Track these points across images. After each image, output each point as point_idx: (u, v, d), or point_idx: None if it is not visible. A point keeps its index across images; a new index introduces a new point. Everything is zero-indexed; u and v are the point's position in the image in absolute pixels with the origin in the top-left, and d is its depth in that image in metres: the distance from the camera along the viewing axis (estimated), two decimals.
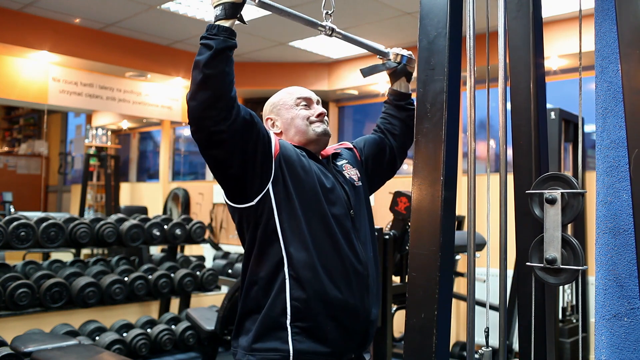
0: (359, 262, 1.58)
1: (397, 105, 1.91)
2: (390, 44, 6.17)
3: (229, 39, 1.43)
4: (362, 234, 1.66)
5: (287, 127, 1.70)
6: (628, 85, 1.11)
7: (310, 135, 1.68)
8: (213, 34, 1.42)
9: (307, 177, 1.56)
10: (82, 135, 8.74)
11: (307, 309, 1.49)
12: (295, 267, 1.49)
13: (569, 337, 3.83)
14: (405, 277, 3.26)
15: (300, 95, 1.74)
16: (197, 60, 1.40)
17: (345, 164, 1.77)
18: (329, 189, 1.59)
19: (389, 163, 1.88)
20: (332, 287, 1.52)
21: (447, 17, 1.32)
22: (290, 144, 1.63)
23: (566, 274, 1.22)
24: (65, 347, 3.05)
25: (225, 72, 1.40)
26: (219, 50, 1.39)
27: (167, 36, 5.66)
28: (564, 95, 5.34)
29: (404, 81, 1.92)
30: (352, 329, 1.56)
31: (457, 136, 1.37)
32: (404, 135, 1.89)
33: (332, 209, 1.57)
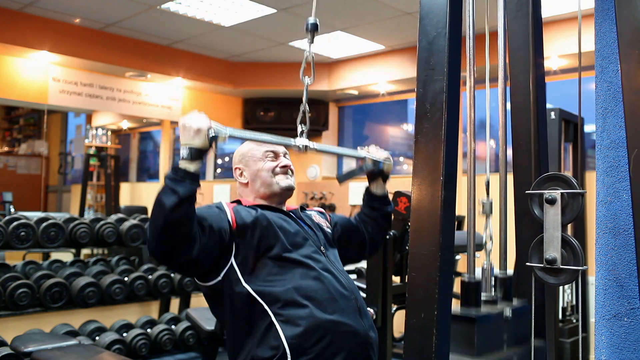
0: (344, 288, 1.62)
1: (371, 206, 1.97)
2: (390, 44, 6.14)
3: (193, 184, 1.45)
4: (339, 266, 1.71)
5: (253, 178, 1.77)
6: (628, 85, 1.11)
7: (274, 188, 1.75)
8: (179, 177, 1.43)
9: (267, 233, 1.61)
10: (82, 135, 8.74)
11: (305, 341, 1.50)
12: (282, 313, 1.52)
13: (569, 337, 3.83)
14: (405, 277, 3.26)
15: (268, 148, 1.80)
16: (162, 202, 1.41)
17: (314, 214, 1.87)
18: (293, 234, 1.66)
19: (358, 247, 1.95)
20: (324, 313, 1.53)
21: (446, 17, 1.32)
22: (244, 208, 1.68)
23: (566, 274, 1.22)
24: (65, 347, 3.04)
25: (188, 215, 1.43)
26: (184, 197, 1.41)
27: (167, 36, 5.66)
28: (564, 95, 5.34)
29: (380, 182, 1.95)
30: (353, 351, 1.56)
31: (457, 136, 1.37)
32: (375, 233, 1.96)
33: (301, 251, 1.63)
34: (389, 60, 5.92)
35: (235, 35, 5.47)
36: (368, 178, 1.96)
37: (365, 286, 3.08)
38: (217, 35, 5.51)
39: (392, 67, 5.90)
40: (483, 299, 1.61)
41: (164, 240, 1.42)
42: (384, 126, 7.31)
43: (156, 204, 1.42)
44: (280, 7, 4.69)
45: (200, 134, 1.45)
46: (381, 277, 2.97)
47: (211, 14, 4.95)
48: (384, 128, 7.32)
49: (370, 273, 3.01)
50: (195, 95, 6.72)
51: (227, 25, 5.17)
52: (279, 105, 6.86)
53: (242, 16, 4.94)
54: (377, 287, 2.96)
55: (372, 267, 2.98)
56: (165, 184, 1.43)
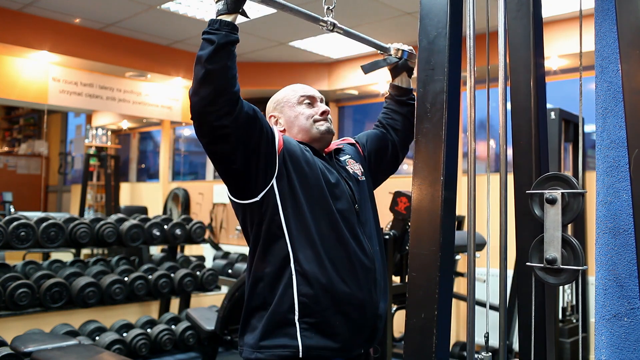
0: (366, 256, 1.58)
1: (399, 100, 1.91)
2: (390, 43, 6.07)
3: (231, 34, 1.42)
4: (367, 228, 1.65)
5: (290, 125, 1.70)
6: (628, 85, 1.11)
7: (314, 133, 1.69)
8: (215, 28, 1.40)
9: (311, 172, 1.55)
10: (82, 135, 8.74)
11: (315, 304, 1.48)
12: (302, 263, 1.49)
13: (569, 337, 3.83)
14: (405, 277, 3.26)
15: (303, 94, 1.74)
16: (199, 55, 1.39)
17: (349, 159, 1.77)
18: (334, 184, 1.59)
19: (392, 158, 1.89)
20: (340, 282, 1.51)
21: (447, 17, 1.32)
22: (294, 140, 1.63)
23: (566, 274, 1.22)
24: (65, 347, 3.05)
25: (227, 66, 1.40)
26: (221, 44, 1.38)
27: (167, 36, 5.65)
28: (564, 95, 5.34)
29: (405, 76, 1.91)
30: (360, 323, 1.55)
31: (457, 136, 1.37)
32: (405, 130, 1.89)
33: (337, 204, 1.57)
34: None
35: None
36: (391, 74, 1.92)
37: None
38: None
39: None
40: None
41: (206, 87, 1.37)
42: None
43: (196, 60, 1.39)
44: None
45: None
46: None
47: (211, 14, 4.95)
48: None
49: None
50: None
51: None
52: None
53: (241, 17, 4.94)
54: None
55: None
56: (202, 39, 1.40)
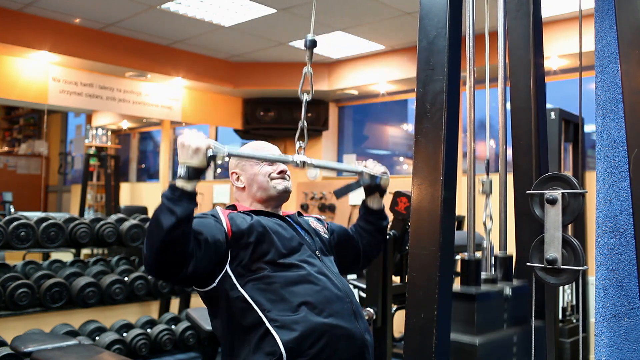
0: (339, 291, 1.62)
1: (367, 219, 1.97)
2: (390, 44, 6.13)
3: (190, 204, 1.44)
4: (334, 270, 1.72)
5: (250, 182, 1.77)
6: (628, 85, 1.11)
7: (271, 192, 1.76)
8: (176, 197, 1.42)
9: (263, 239, 1.61)
10: (82, 135, 8.74)
11: (301, 345, 1.50)
12: (277, 319, 1.52)
13: (569, 337, 3.83)
14: (405, 277, 3.26)
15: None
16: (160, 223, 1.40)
17: (312, 220, 1.87)
18: (289, 239, 1.66)
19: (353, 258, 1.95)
20: (319, 317, 1.54)
21: (446, 17, 1.32)
22: (239, 214, 1.68)
23: (567, 274, 1.22)
24: (65, 347, 3.04)
25: (186, 234, 1.43)
26: (181, 218, 1.41)
27: (167, 36, 5.65)
28: (564, 95, 5.34)
29: (377, 197, 1.96)
30: (349, 354, 1.57)
31: (457, 136, 1.37)
32: (370, 247, 1.97)
33: (296, 257, 1.63)
34: (389, 60, 5.92)
35: (235, 35, 5.47)
36: (365, 192, 1.96)
37: (365, 286, 3.08)
38: (217, 35, 5.50)
39: (392, 67, 5.90)
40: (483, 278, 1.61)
41: (161, 259, 1.43)
42: (384, 126, 7.31)
43: (154, 222, 1.42)
44: (280, 7, 4.68)
45: (198, 153, 1.44)
46: (381, 277, 2.97)
47: (211, 14, 4.95)
48: (384, 128, 7.32)
49: (370, 273, 3.01)
50: (195, 95, 6.72)
51: (227, 25, 5.17)
52: (279, 105, 6.86)
53: (242, 16, 4.94)
54: (377, 287, 2.96)
55: (372, 267, 2.98)
56: (162, 202, 1.43)
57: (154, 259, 1.44)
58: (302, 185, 6.81)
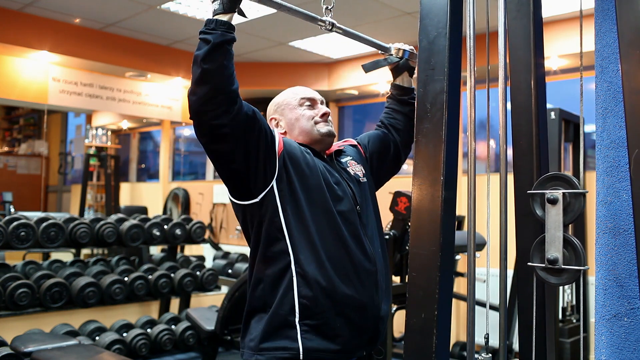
0: (367, 258, 1.57)
1: (400, 100, 1.90)
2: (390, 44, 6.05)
3: (227, 33, 1.42)
4: (369, 230, 1.65)
5: (291, 127, 1.70)
6: (628, 85, 1.11)
7: (315, 135, 1.69)
8: (211, 28, 1.42)
9: (311, 174, 1.55)
10: (82, 135, 8.74)
11: (315, 306, 1.48)
12: (302, 265, 1.48)
13: (569, 337, 3.83)
14: (405, 277, 3.26)
15: (304, 96, 1.74)
16: (196, 55, 1.40)
17: (350, 161, 1.77)
18: (334, 186, 1.59)
19: (394, 158, 1.88)
20: (340, 284, 1.50)
21: (447, 17, 1.32)
22: (295, 142, 1.63)
23: (568, 274, 1.22)
24: (65, 347, 3.05)
25: (224, 65, 1.40)
26: (216, 44, 1.39)
27: (167, 36, 5.65)
28: (564, 95, 5.34)
29: (407, 76, 1.91)
30: (361, 325, 1.55)
31: (457, 136, 1.37)
32: (407, 130, 1.88)
33: (338, 206, 1.57)
34: None
35: None
36: (393, 73, 1.91)
37: None
38: None
39: None
40: None
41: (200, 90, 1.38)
42: None
43: (193, 60, 1.39)
44: None
45: None
46: None
47: (209, 15, 4.95)
48: None
49: None
50: None
51: None
52: None
53: (240, 17, 4.94)
54: None
55: None
56: (199, 39, 1.41)
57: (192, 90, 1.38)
58: None
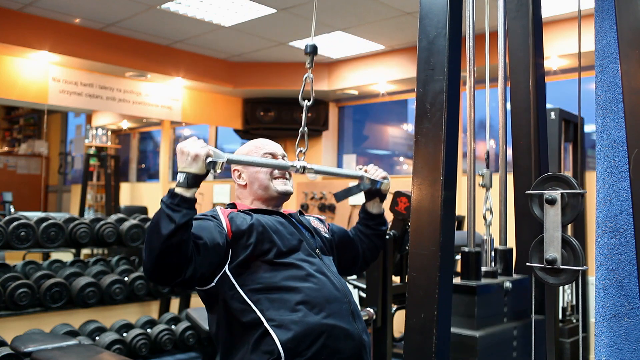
0: (337, 291, 1.62)
1: (366, 224, 1.99)
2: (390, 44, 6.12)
3: (190, 211, 1.44)
4: (333, 269, 1.72)
5: (251, 180, 1.78)
6: (628, 85, 1.11)
7: (271, 192, 1.77)
8: (175, 204, 1.42)
9: (263, 237, 1.61)
10: (82, 135, 8.74)
11: (299, 345, 1.50)
12: (275, 319, 1.52)
13: (569, 337, 3.83)
14: (405, 277, 3.26)
15: (266, 151, 1.82)
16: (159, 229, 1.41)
17: (313, 220, 1.88)
18: (288, 238, 1.66)
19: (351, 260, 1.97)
20: (317, 317, 1.54)
21: (446, 17, 1.32)
22: (240, 215, 1.68)
23: (566, 274, 1.22)
24: (65, 347, 3.04)
25: (184, 240, 1.43)
26: (180, 225, 1.41)
27: (167, 36, 5.65)
28: (564, 95, 5.34)
29: (377, 202, 1.97)
30: (347, 354, 1.56)
31: (457, 136, 1.37)
32: (369, 251, 1.99)
33: (296, 255, 1.64)
34: (389, 60, 5.92)
35: (235, 35, 5.47)
36: (365, 196, 1.97)
37: (365, 286, 3.08)
38: (217, 35, 5.50)
39: (392, 67, 5.90)
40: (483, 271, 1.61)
41: (160, 265, 1.42)
42: (384, 126, 7.31)
43: (153, 228, 1.42)
44: (280, 7, 4.68)
45: (197, 160, 1.44)
46: (381, 277, 2.96)
47: (211, 14, 4.95)
48: (384, 128, 7.32)
49: (370, 273, 3.00)
50: (195, 95, 6.72)
51: (227, 25, 5.17)
52: (279, 105, 6.86)
53: (242, 16, 4.94)
54: (377, 287, 2.95)
55: (372, 267, 2.98)
56: (161, 208, 1.43)
57: (152, 264, 1.43)
58: (302, 185, 6.81)
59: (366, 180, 1.89)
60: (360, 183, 1.89)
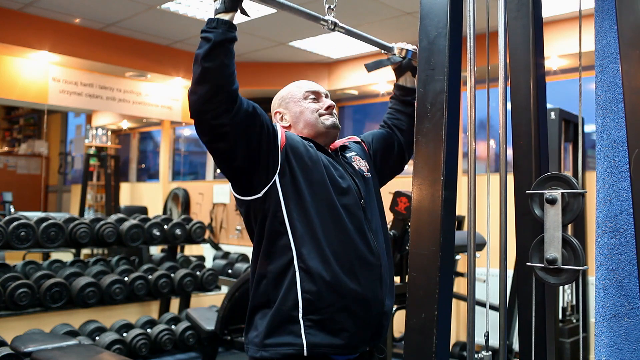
0: (371, 253, 1.57)
1: (403, 100, 1.90)
2: None
3: (228, 32, 1.42)
4: (373, 224, 1.64)
5: (295, 120, 1.70)
6: (628, 85, 1.11)
7: (320, 127, 1.69)
8: (212, 27, 1.41)
9: (315, 168, 1.55)
10: (82, 135, 8.74)
11: (319, 301, 1.47)
12: (305, 260, 1.48)
13: (569, 337, 3.83)
14: (405, 277, 3.26)
15: (308, 89, 1.74)
16: (197, 54, 1.40)
17: (354, 156, 1.77)
18: (338, 180, 1.59)
19: (397, 157, 1.88)
20: (344, 278, 1.50)
21: (447, 17, 1.32)
22: (297, 136, 1.62)
23: (567, 274, 1.22)
24: (65, 347, 3.04)
25: (224, 64, 1.40)
26: (217, 42, 1.39)
27: (167, 36, 5.65)
28: (564, 95, 5.34)
29: (410, 76, 1.90)
30: (365, 320, 1.54)
31: (457, 136, 1.37)
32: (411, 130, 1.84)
33: (342, 199, 1.56)
34: None
35: None
36: (395, 74, 1.90)
37: None
38: None
39: None
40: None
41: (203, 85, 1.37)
42: None
43: (194, 59, 1.39)
44: None
45: None
46: None
47: (211, 14, 4.95)
48: None
49: None
50: None
51: None
52: None
53: (242, 16, 4.94)
54: None
55: None
56: (200, 37, 1.41)
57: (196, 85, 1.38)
58: None
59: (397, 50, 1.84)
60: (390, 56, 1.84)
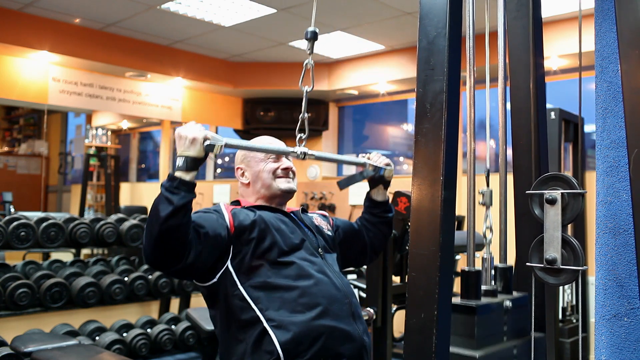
0: (338, 291, 1.62)
1: (372, 212, 1.97)
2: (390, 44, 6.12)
3: (188, 194, 1.45)
4: (335, 268, 1.72)
5: (254, 179, 1.78)
6: (628, 85, 1.11)
7: (274, 190, 1.76)
8: (174, 187, 1.44)
9: (264, 234, 1.61)
10: (82, 135, 8.73)
11: (298, 345, 1.50)
12: (274, 318, 1.52)
13: (569, 337, 3.83)
14: (405, 277, 3.26)
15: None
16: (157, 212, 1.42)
17: (316, 217, 1.87)
18: (290, 236, 1.66)
19: (359, 252, 1.96)
20: (318, 317, 1.53)
21: (446, 17, 1.32)
22: (243, 209, 1.68)
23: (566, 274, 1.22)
24: (65, 347, 3.04)
25: (182, 224, 1.43)
26: (179, 207, 1.41)
27: (167, 36, 5.65)
28: (564, 95, 5.34)
29: (381, 189, 1.96)
30: (347, 355, 1.56)
31: (457, 136, 1.37)
32: (376, 240, 1.97)
33: (297, 253, 1.63)
34: (389, 60, 5.92)
35: (235, 35, 5.47)
36: (369, 184, 1.96)
37: (365, 286, 3.08)
38: (217, 35, 5.50)
39: (392, 67, 5.90)
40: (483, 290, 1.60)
41: (159, 248, 1.43)
42: (384, 126, 7.31)
43: (152, 211, 1.43)
44: (280, 7, 4.68)
45: (195, 143, 1.45)
46: (381, 277, 2.97)
47: (211, 14, 4.95)
48: (384, 128, 7.32)
49: (370, 273, 3.01)
50: (195, 95, 6.72)
51: (227, 25, 5.17)
52: (279, 105, 6.86)
53: (242, 16, 4.94)
54: (377, 287, 2.96)
55: (372, 267, 2.98)
56: (161, 192, 1.44)
57: (152, 248, 1.43)
58: (303, 185, 6.81)
59: (369, 167, 1.87)
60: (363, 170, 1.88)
